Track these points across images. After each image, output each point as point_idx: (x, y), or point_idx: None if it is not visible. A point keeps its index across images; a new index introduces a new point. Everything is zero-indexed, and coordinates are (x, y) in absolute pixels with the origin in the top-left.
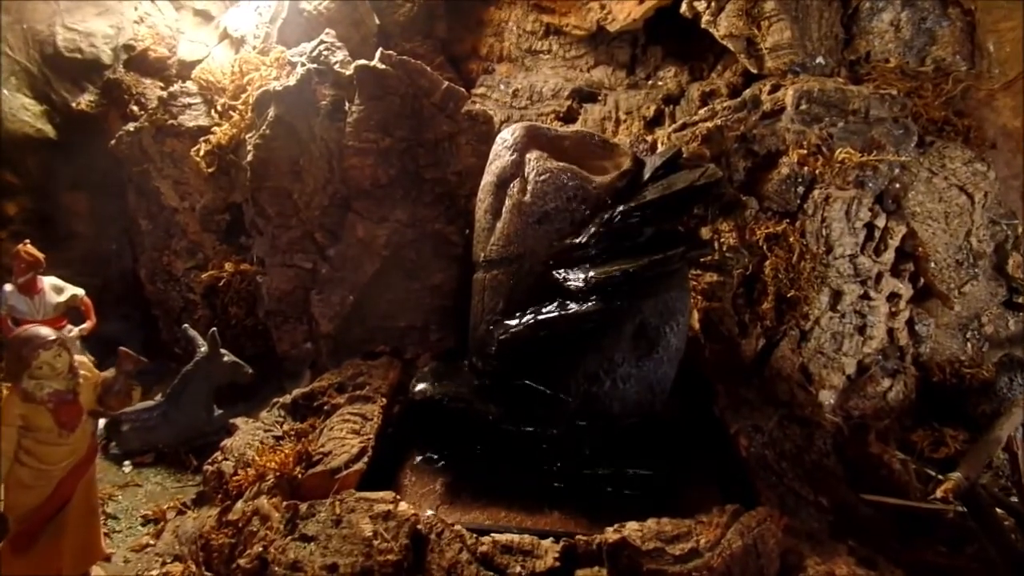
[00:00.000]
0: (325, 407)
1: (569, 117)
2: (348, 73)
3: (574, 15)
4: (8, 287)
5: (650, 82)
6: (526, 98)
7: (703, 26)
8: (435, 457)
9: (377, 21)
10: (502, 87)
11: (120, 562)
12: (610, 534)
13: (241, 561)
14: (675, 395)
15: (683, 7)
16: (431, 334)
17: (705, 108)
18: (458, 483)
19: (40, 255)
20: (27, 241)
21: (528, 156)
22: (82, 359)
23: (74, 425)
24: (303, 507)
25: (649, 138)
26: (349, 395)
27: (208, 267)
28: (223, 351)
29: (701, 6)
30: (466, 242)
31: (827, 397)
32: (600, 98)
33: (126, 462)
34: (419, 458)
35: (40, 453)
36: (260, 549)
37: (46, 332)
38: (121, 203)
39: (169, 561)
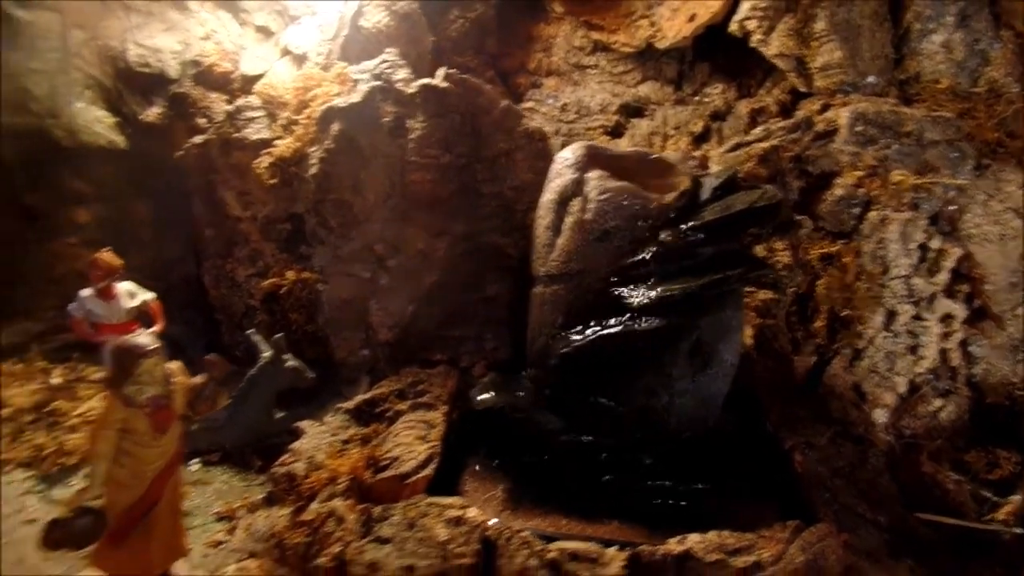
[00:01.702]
0: (388, 413)
1: (616, 132)
2: (410, 91)
3: (623, 32)
4: (86, 292)
5: (697, 98)
6: (574, 112)
7: (753, 45)
8: (495, 464)
9: (432, 37)
10: (550, 101)
11: (198, 557)
12: (674, 545)
13: (320, 560)
14: (727, 410)
15: (733, 26)
16: (486, 344)
17: (759, 128)
18: (518, 490)
19: (118, 262)
20: (107, 248)
21: (589, 175)
22: (174, 366)
23: (167, 428)
24: (377, 510)
25: (696, 154)
26: (411, 402)
27: (269, 274)
28: (286, 356)
29: (752, 25)
30: (521, 255)
31: (880, 416)
32: (647, 113)
33: (194, 460)
34: (479, 465)
35: (136, 455)
36: (339, 549)
37: (147, 341)
38: (184, 212)
39: (244, 557)
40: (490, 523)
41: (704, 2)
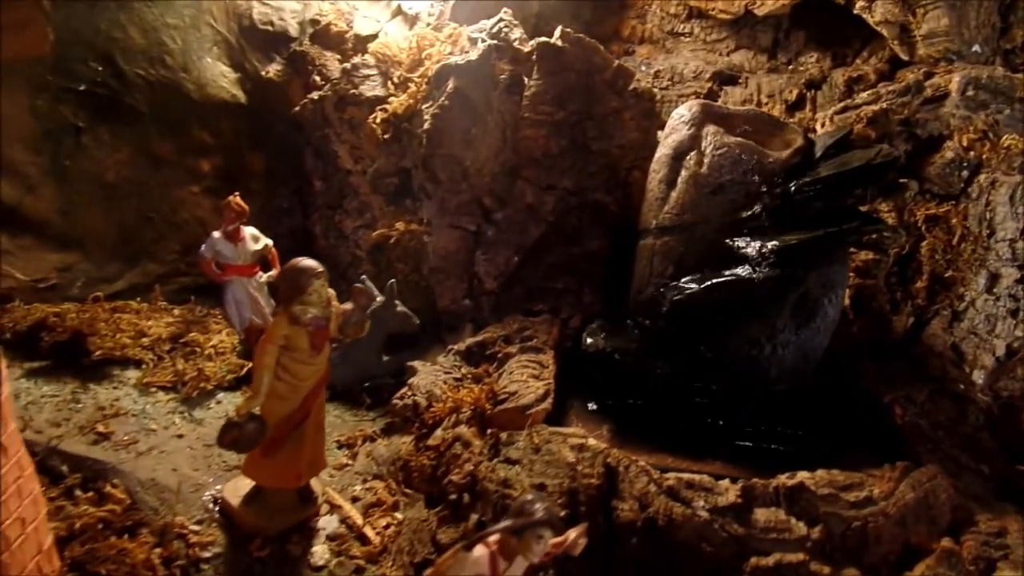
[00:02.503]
0: (498, 355)
1: (710, 99)
2: (526, 49)
3: None
4: (216, 234)
5: (791, 66)
6: (667, 79)
7: (856, 11)
8: (600, 407)
9: (536, 2)
10: (643, 68)
11: (324, 477)
12: (785, 479)
13: (453, 477)
14: (824, 365)
15: None
16: (584, 296)
17: (867, 92)
18: (623, 430)
19: (246, 207)
20: (236, 193)
21: (705, 131)
22: (331, 292)
23: (322, 348)
24: (503, 436)
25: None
26: (519, 346)
27: (376, 226)
28: (397, 302)
29: None
30: (622, 212)
31: (978, 376)
32: (741, 81)
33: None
34: (583, 407)
35: (294, 370)
36: (470, 468)
37: (316, 263)
38: (294, 165)
39: (369, 479)
40: (612, 452)
41: None
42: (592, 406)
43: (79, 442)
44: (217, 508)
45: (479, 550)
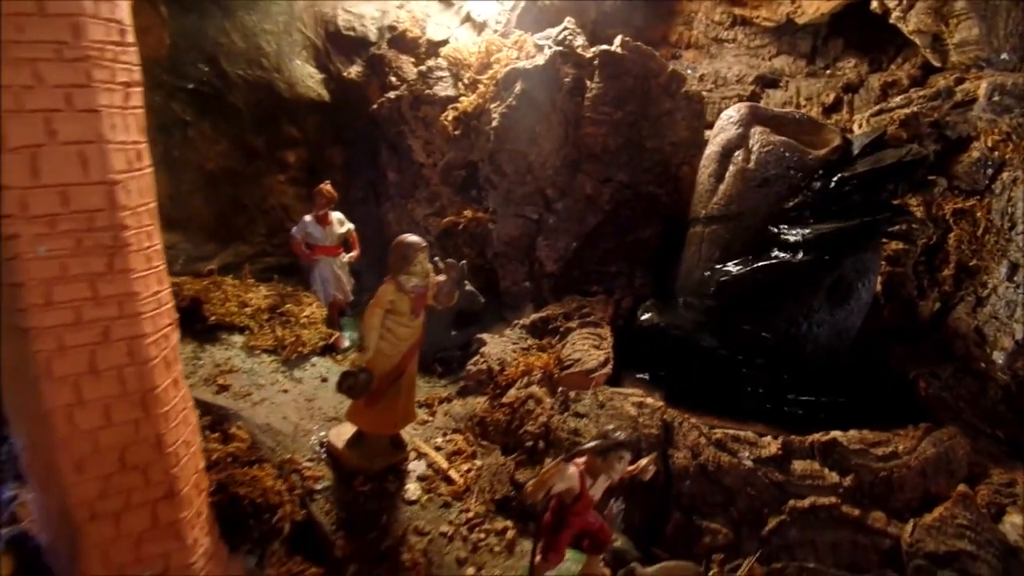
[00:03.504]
0: (560, 329)
1: (751, 101)
2: (588, 55)
3: (765, 8)
4: (308, 217)
5: (829, 71)
6: (711, 82)
7: (892, 21)
8: (652, 376)
9: (593, 11)
10: (689, 72)
11: (408, 431)
12: (820, 436)
13: (528, 428)
14: (857, 344)
15: (873, 3)
16: (636, 280)
17: (900, 96)
18: (673, 397)
19: (336, 194)
20: (327, 181)
21: (752, 130)
22: (429, 265)
23: (419, 313)
24: (571, 394)
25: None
26: (579, 321)
27: (445, 214)
28: (465, 282)
29: (892, 3)
30: (672, 203)
31: (998, 357)
32: (781, 84)
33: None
34: (637, 376)
35: (396, 331)
36: (543, 420)
37: (420, 239)
38: (369, 158)
39: (449, 432)
40: (667, 408)
41: None
42: (644, 376)
43: (205, 391)
44: (324, 450)
45: (572, 467)
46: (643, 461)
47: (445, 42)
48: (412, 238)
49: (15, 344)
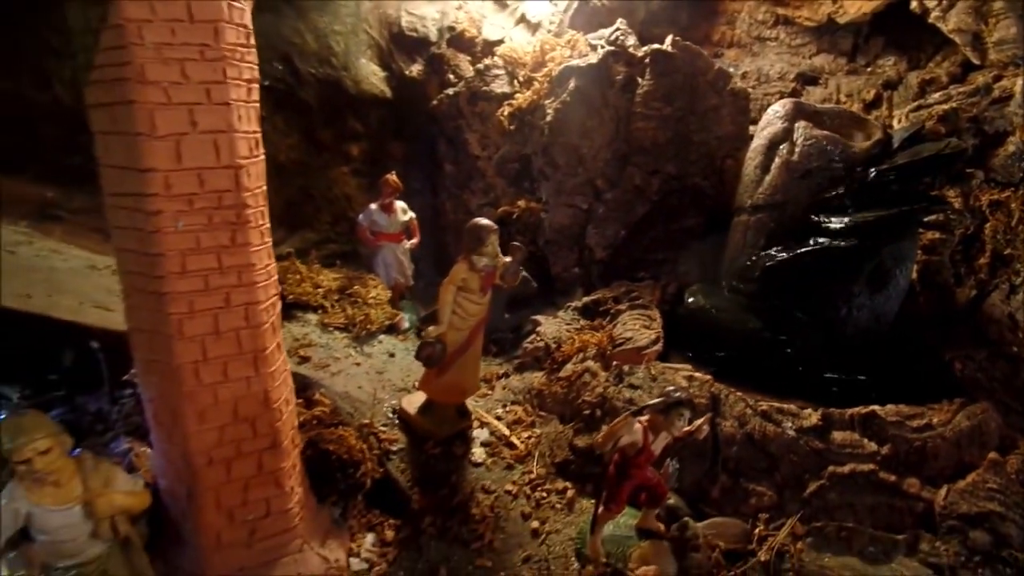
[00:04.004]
0: (610, 311)
1: (792, 97)
2: (639, 54)
3: (806, 7)
4: (373, 206)
5: (869, 69)
6: (753, 79)
7: (931, 21)
8: (697, 355)
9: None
10: (731, 69)
11: (472, 403)
12: (859, 409)
13: (586, 397)
14: (894, 327)
15: (913, 3)
16: (679, 266)
17: (939, 93)
18: (719, 374)
19: (400, 184)
20: (393, 172)
21: (797, 124)
22: (497, 247)
23: (487, 291)
24: (625, 368)
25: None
26: (628, 304)
27: (498, 204)
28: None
29: (932, 3)
30: (716, 194)
31: None
32: (821, 82)
33: None
34: (683, 356)
35: (465, 307)
36: (600, 391)
37: (492, 223)
38: (427, 151)
39: (508, 404)
40: (714, 382)
41: None
42: (689, 355)
43: (288, 362)
44: (396, 416)
45: (637, 423)
46: (699, 421)
47: (500, 42)
48: (485, 221)
49: (150, 308)
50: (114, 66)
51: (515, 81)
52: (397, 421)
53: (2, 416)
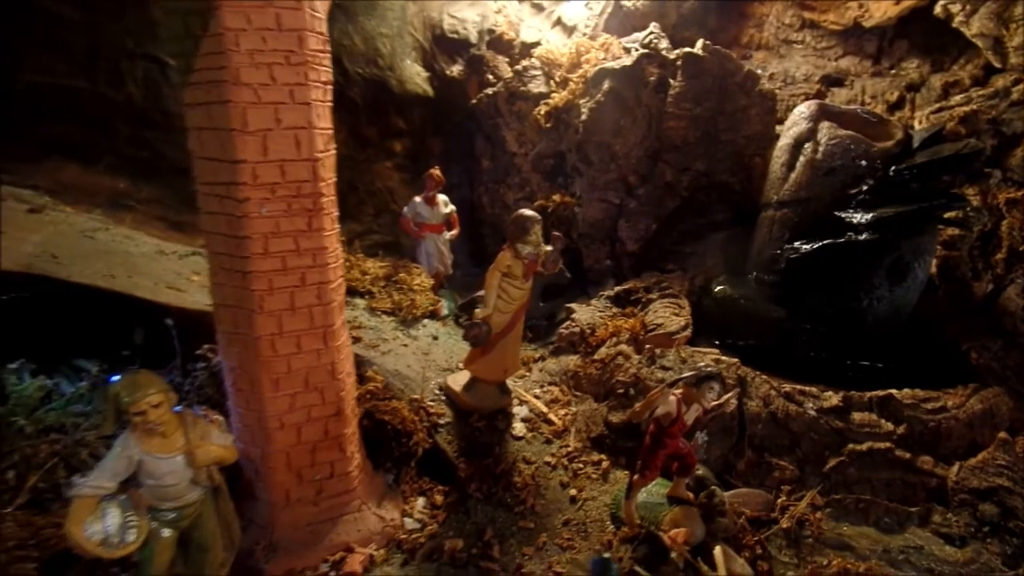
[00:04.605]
0: (641, 300)
1: (818, 99)
2: (672, 57)
3: (833, 12)
4: (417, 198)
5: (893, 71)
6: (780, 81)
7: (955, 25)
8: (724, 342)
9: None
10: (759, 71)
11: (511, 382)
12: (877, 392)
13: (620, 377)
14: (912, 319)
15: (937, 8)
16: (707, 259)
17: (960, 95)
18: (744, 360)
19: (444, 178)
20: (437, 167)
21: (821, 125)
22: (540, 237)
23: (530, 277)
24: (656, 351)
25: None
26: (658, 293)
27: (533, 198)
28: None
29: (955, 8)
30: (743, 191)
31: None
32: (846, 83)
33: None
34: (710, 343)
35: (509, 292)
36: (633, 372)
37: (535, 213)
38: (465, 148)
39: (545, 385)
40: (740, 365)
41: None
42: (716, 342)
43: None
44: (442, 393)
45: (672, 395)
46: (727, 395)
47: (537, 44)
48: (529, 212)
49: (235, 285)
50: (212, 69)
51: (551, 81)
52: (443, 397)
53: (117, 377)
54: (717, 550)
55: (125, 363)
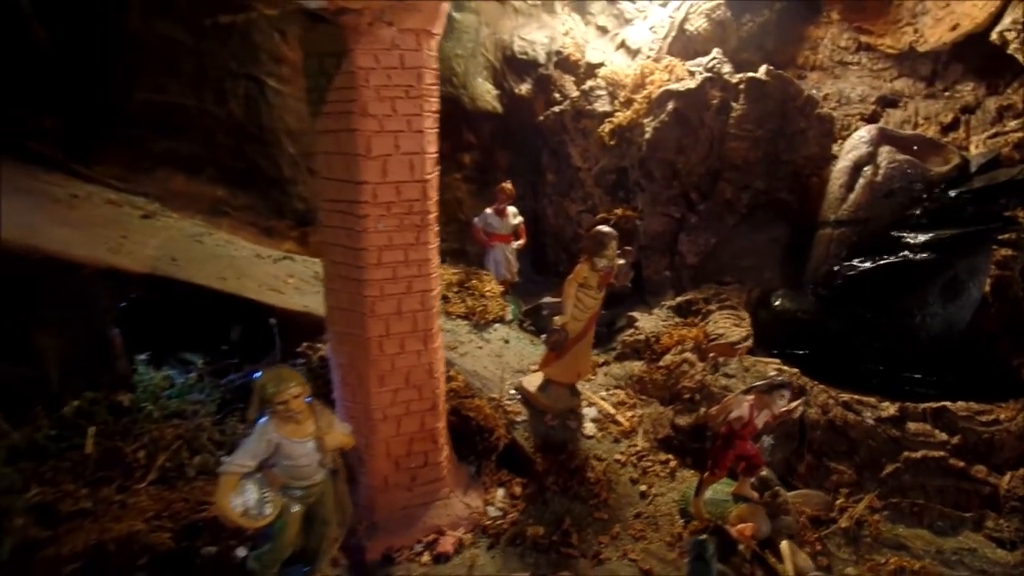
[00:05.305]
0: (702, 311)
1: (872, 120)
2: (734, 81)
3: (889, 36)
4: (489, 210)
5: (948, 93)
6: (835, 101)
7: (1010, 52)
8: (781, 354)
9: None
10: (813, 92)
11: (579, 386)
12: (932, 404)
13: (686, 383)
14: (965, 336)
15: (993, 35)
16: (764, 273)
17: (1016, 120)
18: (802, 371)
19: (514, 191)
20: (508, 181)
21: (880, 148)
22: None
23: (603, 288)
24: (720, 359)
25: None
26: (717, 304)
27: (596, 211)
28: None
29: (1011, 36)
30: (801, 209)
31: None
32: (901, 105)
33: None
34: (768, 354)
35: (584, 301)
36: (698, 378)
37: (612, 230)
38: (529, 162)
39: (611, 388)
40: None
41: (968, 14)
42: (774, 352)
43: None
44: (517, 393)
45: (745, 400)
46: (796, 403)
47: (601, 65)
48: (607, 228)
49: (350, 291)
50: (342, 102)
51: (615, 101)
52: (519, 397)
53: (259, 373)
54: (784, 544)
55: (225, 358)
